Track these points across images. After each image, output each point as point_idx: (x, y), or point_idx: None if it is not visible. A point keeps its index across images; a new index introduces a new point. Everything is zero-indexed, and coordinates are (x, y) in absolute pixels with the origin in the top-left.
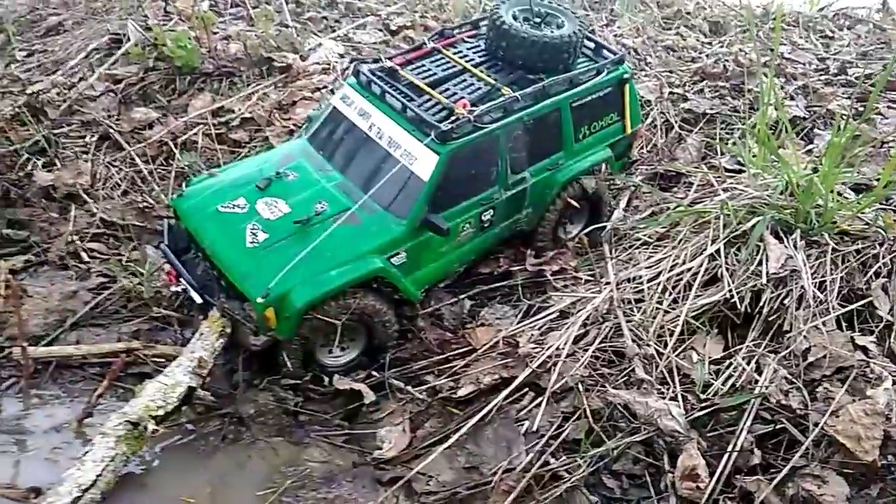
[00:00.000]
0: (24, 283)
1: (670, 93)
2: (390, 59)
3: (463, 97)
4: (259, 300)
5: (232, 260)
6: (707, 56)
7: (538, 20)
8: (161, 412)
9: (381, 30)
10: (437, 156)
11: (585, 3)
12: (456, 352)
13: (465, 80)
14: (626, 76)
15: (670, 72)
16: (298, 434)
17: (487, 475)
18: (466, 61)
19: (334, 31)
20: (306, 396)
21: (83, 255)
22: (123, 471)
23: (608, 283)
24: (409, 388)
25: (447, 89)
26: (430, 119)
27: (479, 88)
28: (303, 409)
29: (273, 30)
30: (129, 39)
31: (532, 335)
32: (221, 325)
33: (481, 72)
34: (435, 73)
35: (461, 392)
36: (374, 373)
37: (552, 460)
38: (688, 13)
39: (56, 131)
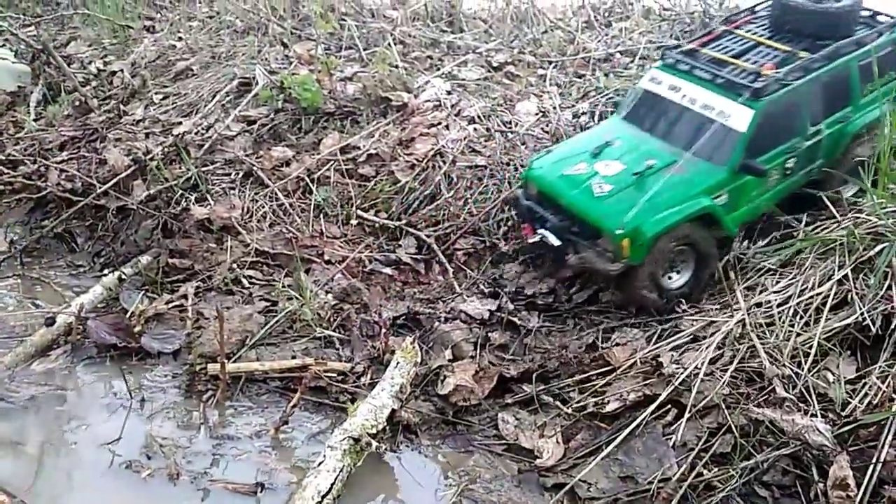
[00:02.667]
0: (199, 307)
1: None
2: (690, 42)
3: (765, 63)
4: (617, 232)
5: (588, 206)
6: None
7: None
8: (374, 430)
9: (482, 66)
10: (753, 110)
11: None
12: (596, 371)
13: (762, 51)
14: None
15: None
16: (461, 442)
17: (643, 484)
18: (758, 37)
19: (439, 69)
20: (462, 408)
21: (244, 281)
22: None
23: (738, 308)
24: (557, 403)
25: (749, 59)
26: (742, 81)
27: (778, 56)
28: (459, 419)
29: (384, 70)
30: (257, 83)
31: (672, 356)
32: (414, 355)
33: (774, 42)
34: (733, 49)
35: (609, 407)
36: (524, 388)
37: (704, 471)
38: None
39: (203, 169)
